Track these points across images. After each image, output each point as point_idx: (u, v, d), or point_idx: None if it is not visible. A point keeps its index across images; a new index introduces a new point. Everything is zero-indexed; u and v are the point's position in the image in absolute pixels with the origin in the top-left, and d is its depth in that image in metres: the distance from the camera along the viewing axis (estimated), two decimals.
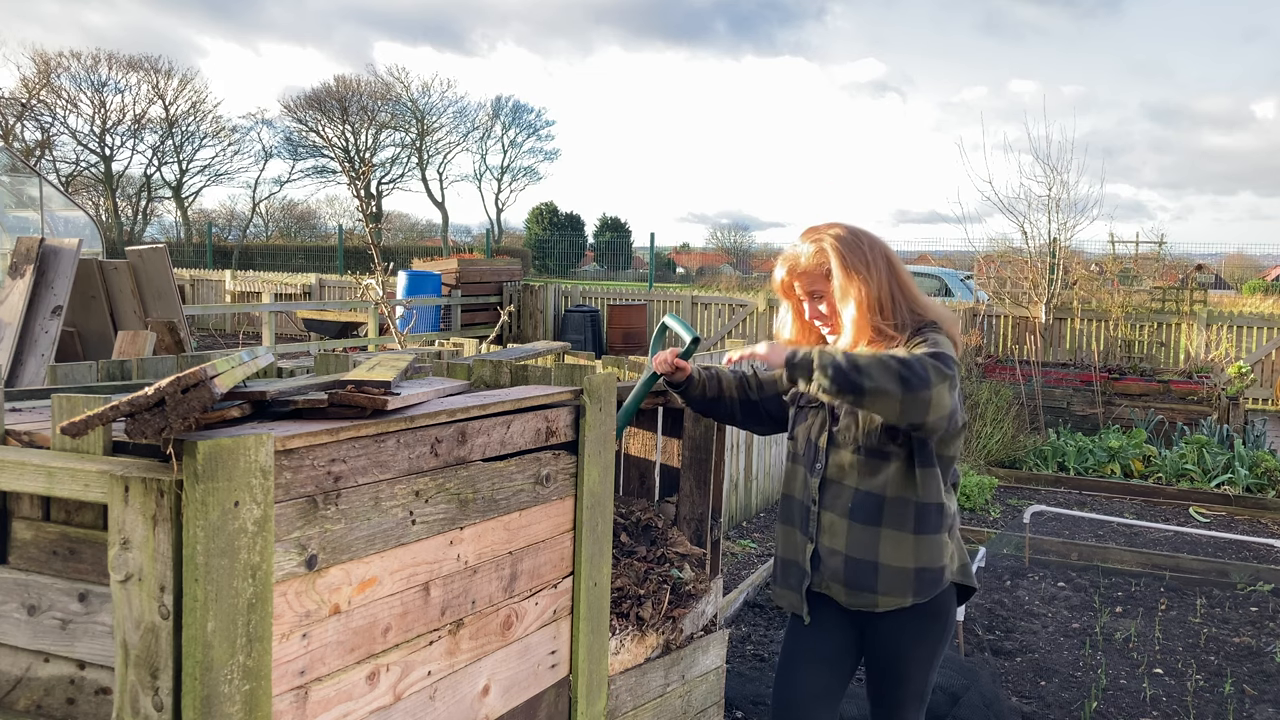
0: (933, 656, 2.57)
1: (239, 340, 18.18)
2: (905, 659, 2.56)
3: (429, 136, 46.97)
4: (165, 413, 1.30)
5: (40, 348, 5.44)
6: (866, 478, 2.49)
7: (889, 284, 2.51)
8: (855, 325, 2.49)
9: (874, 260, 2.51)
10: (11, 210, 11.34)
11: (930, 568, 2.48)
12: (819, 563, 2.56)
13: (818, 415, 2.60)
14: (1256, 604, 5.39)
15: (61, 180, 37.34)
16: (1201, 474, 8.31)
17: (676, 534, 3.19)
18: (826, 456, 2.55)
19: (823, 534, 2.54)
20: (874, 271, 2.50)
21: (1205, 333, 12.64)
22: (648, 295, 17.16)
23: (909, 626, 2.53)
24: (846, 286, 2.50)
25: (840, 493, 2.52)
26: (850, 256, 2.51)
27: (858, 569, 2.48)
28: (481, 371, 2.26)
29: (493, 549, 1.95)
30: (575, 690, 2.23)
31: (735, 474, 6.63)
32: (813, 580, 2.58)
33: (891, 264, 2.55)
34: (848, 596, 2.52)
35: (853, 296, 2.49)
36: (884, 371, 2.24)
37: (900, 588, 2.48)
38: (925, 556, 2.46)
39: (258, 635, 1.40)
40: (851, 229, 2.57)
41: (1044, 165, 12.27)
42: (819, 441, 2.57)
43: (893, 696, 2.59)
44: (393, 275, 15.42)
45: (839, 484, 2.53)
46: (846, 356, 2.28)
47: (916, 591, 2.48)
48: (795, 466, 2.65)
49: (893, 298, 2.51)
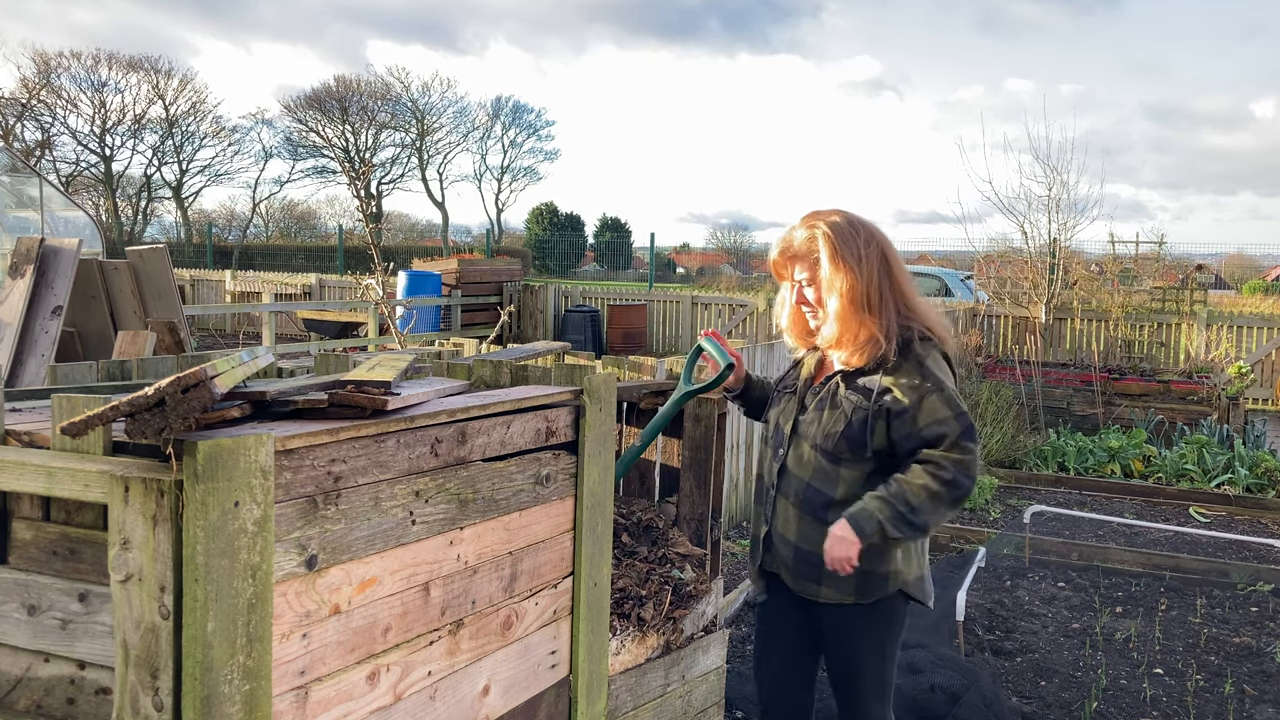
0: (884, 651, 2.60)
1: (239, 340, 18.17)
2: (856, 653, 2.59)
3: (429, 137, 46.98)
4: (165, 413, 1.30)
5: (40, 348, 5.44)
6: (820, 475, 2.53)
7: (880, 280, 2.49)
8: (838, 318, 2.49)
9: (867, 254, 2.49)
10: (11, 210, 11.33)
11: (874, 571, 2.50)
12: (771, 545, 2.64)
13: (789, 402, 2.64)
14: (1256, 604, 5.39)
15: (61, 180, 37.33)
16: (1201, 474, 8.30)
17: (677, 534, 3.19)
18: (789, 445, 2.59)
19: (776, 519, 2.61)
20: (864, 266, 2.48)
21: (1205, 333, 12.64)
22: (648, 295, 17.16)
23: (855, 623, 2.56)
24: (833, 277, 2.49)
25: (795, 484, 2.56)
26: (842, 247, 2.49)
27: (804, 560, 2.55)
28: (481, 371, 2.26)
29: (493, 549, 1.95)
30: (575, 690, 2.23)
31: (735, 474, 6.63)
32: (764, 560, 2.67)
33: (887, 260, 2.52)
34: (793, 582, 2.60)
35: (838, 288, 2.49)
36: (937, 503, 2.39)
37: (842, 585, 2.52)
38: (870, 560, 2.48)
39: (258, 635, 1.40)
40: (852, 219, 2.54)
41: (1044, 165, 12.29)
42: (785, 428, 2.61)
43: (852, 690, 2.63)
44: (393, 275, 15.42)
45: (795, 474, 2.57)
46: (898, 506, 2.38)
47: (859, 592, 2.52)
48: (765, 448, 2.71)
49: (881, 295, 2.49)
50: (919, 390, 2.42)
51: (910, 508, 2.37)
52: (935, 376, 2.43)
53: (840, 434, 2.47)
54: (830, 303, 2.51)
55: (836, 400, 2.51)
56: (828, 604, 2.56)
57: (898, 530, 2.38)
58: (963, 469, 2.39)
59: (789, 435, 2.59)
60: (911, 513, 2.37)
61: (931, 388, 2.42)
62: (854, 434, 2.46)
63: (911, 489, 2.38)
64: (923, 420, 2.41)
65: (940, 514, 2.41)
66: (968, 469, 2.39)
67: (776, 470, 2.61)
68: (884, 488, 2.42)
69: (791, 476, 2.57)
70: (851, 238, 2.49)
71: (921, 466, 2.40)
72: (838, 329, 2.49)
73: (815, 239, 2.52)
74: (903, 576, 2.54)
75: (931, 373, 2.44)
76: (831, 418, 2.50)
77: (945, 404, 2.41)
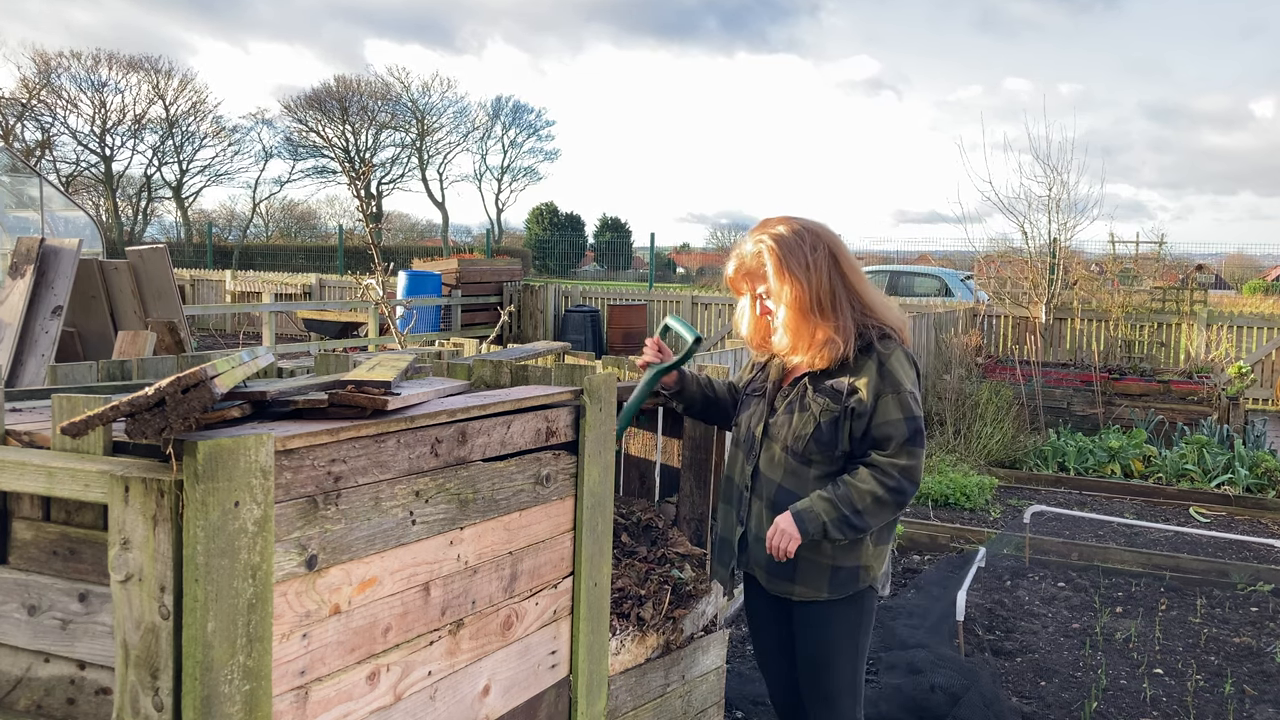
0: (856, 648, 2.65)
1: (239, 340, 18.17)
2: (829, 649, 2.63)
3: (429, 137, 47.00)
4: (165, 413, 1.30)
5: (40, 348, 5.44)
6: (791, 476, 2.57)
7: (830, 285, 2.52)
8: (787, 327, 2.54)
9: (815, 262, 2.52)
10: (12, 210, 11.33)
11: (845, 566, 2.57)
12: (746, 546, 2.68)
13: (758, 405, 2.68)
14: (1256, 604, 5.39)
15: (62, 180, 37.32)
16: (1201, 474, 8.30)
17: (677, 534, 3.19)
18: (760, 447, 2.63)
19: (751, 519, 2.65)
20: (812, 274, 2.51)
21: (1205, 333, 12.63)
22: (648, 295, 17.15)
23: (828, 618, 2.60)
24: (779, 289, 2.54)
25: (768, 486, 2.61)
26: (787, 258, 2.52)
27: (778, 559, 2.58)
28: (482, 371, 2.26)
29: (493, 549, 1.95)
30: (575, 690, 2.23)
31: None
32: (739, 560, 2.71)
33: (838, 262, 2.55)
34: (768, 582, 2.65)
35: (784, 300, 2.53)
36: (881, 508, 2.48)
37: (816, 581, 2.57)
38: (841, 555, 2.56)
39: (258, 635, 1.40)
40: (798, 228, 2.57)
41: (1044, 165, 12.30)
42: (756, 431, 2.65)
43: (823, 688, 2.66)
44: (393, 275, 15.41)
45: (768, 476, 2.61)
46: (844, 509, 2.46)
47: (832, 587, 2.57)
48: (736, 451, 2.75)
49: (834, 297, 2.52)
50: (876, 390, 2.48)
51: (855, 511, 2.46)
52: (894, 378, 2.49)
53: (809, 436, 2.53)
54: (779, 313, 2.56)
55: (805, 403, 2.56)
56: (801, 601, 2.61)
57: (839, 532, 2.47)
58: (907, 475, 2.46)
59: (760, 438, 2.64)
60: (855, 515, 2.46)
61: (888, 388, 2.48)
62: (823, 436, 2.52)
63: (857, 493, 2.46)
64: (876, 421, 2.48)
65: (883, 518, 2.50)
66: (912, 474, 2.47)
67: (750, 472, 2.65)
68: (831, 488, 2.50)
69: (764, 479, 2.62)
70: (797, 246, 2.53)
71: (869, 471, 2.48)
72: (789, 338, 2.55)
73: (761, 253, 2.57)
74: (873, 572, 2.60)
75: (890, 373, 2.49)
76: (801, 420, 2.55)
77: (898, 406, 2.47)
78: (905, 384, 2.49)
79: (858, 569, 2.58)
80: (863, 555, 2.57)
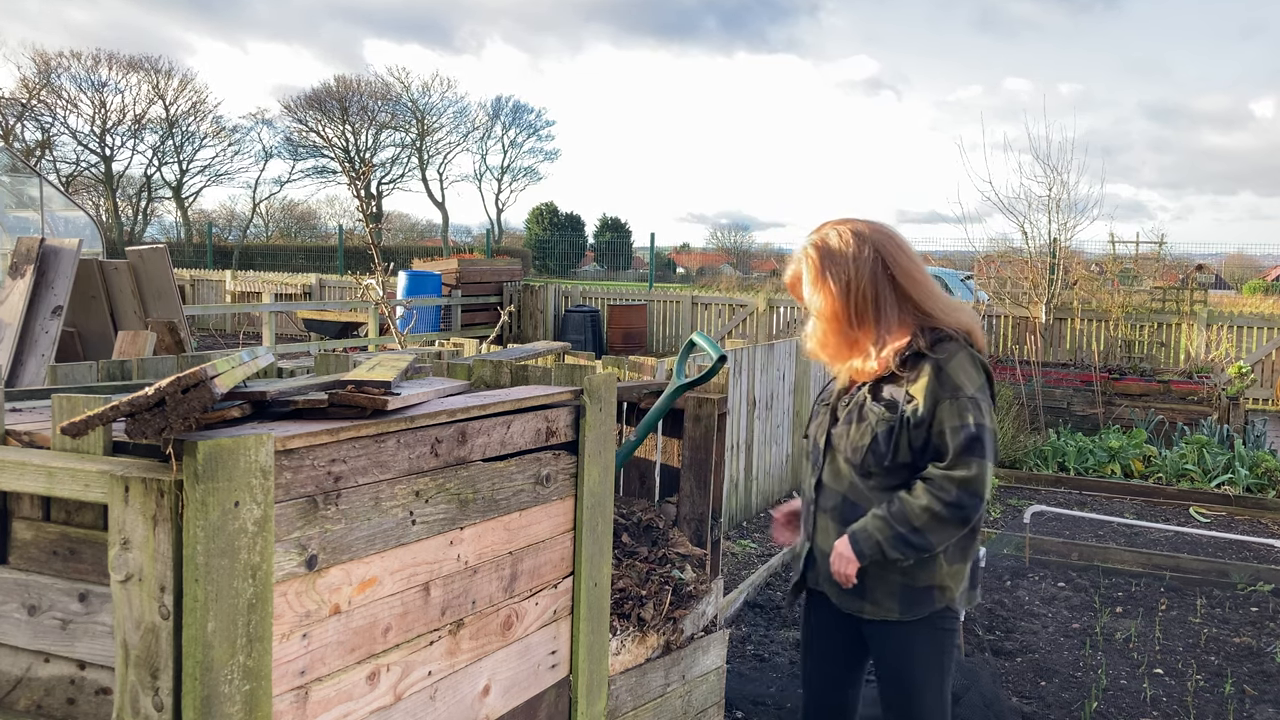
0: (939, 667, 2.49)
1: (239, 340, 18.17)
2: (908, 672, 2.47)
3: (429, 137, 46.99)
4: (165, 413, 1.30)
5: (40, 348, 5.44)
6: (854, 489, 2.44)
7: (873, 293, 2.38)
8: (818, 339, 2.47)
9: (857, 270, 2.38)
10: (11, 210, 11.34)
11: (917, 585, 2.41)
12: (813, 562, 2.55)
13: (824, 415, 2.57)
14: (1256, 604, 5.39)
15: (62, 180, 37.33)
16: (1201, 474, 8.30)
17: (677, 534, 3.19)
18: (824, 459, 2.51)
19: (818, 534, 2.53)
20: (853, 283, 2.38)
21: (1205, 333, 12.64)
22: (648, 295, 17.15)
23: (904, 640, 2.45)
24: (813, 298, 2.44)
25: (832, 498, 2.48)
26: (825, 266, 2.40)
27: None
28: (482, 371, 2.26)
29: (493, 549, 1.95)
30: (575, 690, 2.23)
31: (735, 474, 6.63)
32: (808, 577, 2.58)
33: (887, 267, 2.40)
34: (837, 598, 2.51)
35: (816, 309, 2.44)
36: (941, 525, 2.30)
37: (886, 600, 2.43)
38: (912, 574, 2.40)
39: (258, 635, 1.40)
40: (844, 232, 2.43)
41: (1044, 165, 12.30)
42: (820, 441, 2.55)
43: (907, 711, 2.50)
44: (393, 275, 15.42)
45: (832, 489, 2.49)
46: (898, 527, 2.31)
47: (903, 607, 2.42)
48: (806, 463, 2.65)
49: (877, 307, 2.39)
50: (933, 396, 2.32)
51: (912, 529, 2.30)
52: (952, 382, 2.32)
53: (867, 447, 2.39)
54: (810, 324, 2.50)
55: (863, 412, 2.42)
56: (873, 620, 2.46)
57: (897, 551, 2.32)
58: (966, 488, 2.27)
59: (824, 449, 2.51)
60: (912, 533, 2.30)
61: (946, 394, 2.31)
62: (879, 448, 2.37)
63: (911, 510, 2.30)
64: (934, 430, 2.33)
65: (946, 535, 2.31)
66: (971, 487, 2.27)
67: (814, 484, 2.53)
68: (887, 505, 2.35)
69: (829, 491, 2.48)
70: (838, 255, 2.39)
71: (924, 485, 2.32)
72: (822, 351, 2.49)
73: (801, 261, 2.48)
74: (949, 592, 2.43)
75: (949, 378, 2.32)
76: (858, 431, 2.41)
77: (955, 412, 2.30)
78: (966, 388, 2.31)
79: (931, 589, 2.40)
80: (936, 574, 2.40)
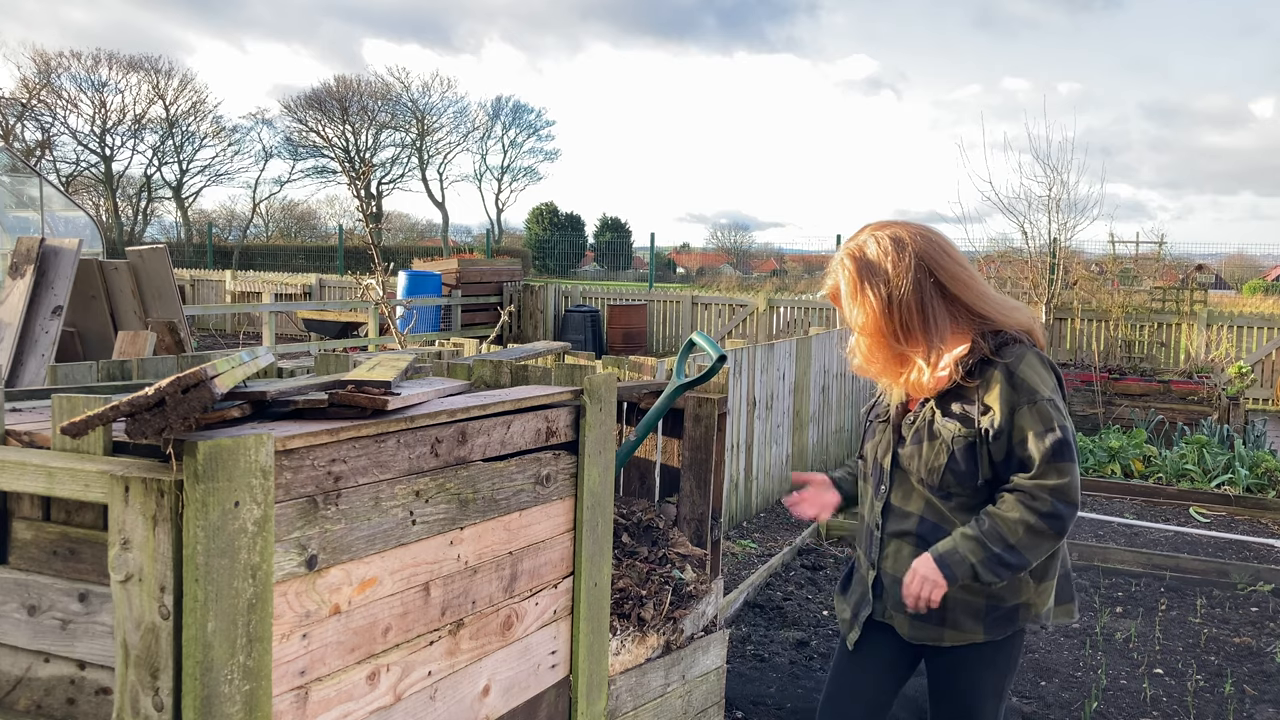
0: (1003, 689, 2.39)
1: (239, 340, 18.18)
2: (975, 693, 2.36)
3: (429, 137, 47.01)
4: (165, 413, 1.30)
5: (40, 348, 5.44)
6: (933, 510, 2.29)
7: (919, 302, 2.23)
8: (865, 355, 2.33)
9: (897, 278, 2.22)
10: (12, 210, 11.34)
11: (1004, 605, 2.27)
12: (881, 590, 2.37)
13: (884, 433, 2.39)
14: (1257, 604, 5.39)
15: (62, 180, 37.34)
16: (1201, 474, 8.30)
17: (677, 534, 3.19)
18: (891, 480, 2.35)
19: (886, 560, 2.35)
20: (895, 295, 2.23)
21: (1205, 333, 12.64)
22: (648, 295, 17.15)
23: (978, 661, 2.33)
24: (853, 312, 2.29)
25: (905, 518, 2.32)
26: (864, 277, 2.26)
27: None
28: (482, 371, 2.26)
29: (493, 549, 1.95)
30: (575, 690, 2.23)
31: (735, 474, 6.63)
32: (875, 609, 2.40)
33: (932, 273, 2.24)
34: (911, 629, 2.33)
35: (858, 324, 2.29)
36: (1038, 539, 2.15)
37: (969, 623, 2.28)
38: (1001, 593, 2.27)
39: (258, 635, 1.40)
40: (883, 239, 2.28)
41: (1043, 165, 12.31)
42: (884, 463, 2.37)
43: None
44: (393, 275, 15.42)
45: (904, 510, 2.33)
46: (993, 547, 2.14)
47: (988, 628, 2.28)
48: (864, 485, 2.46)
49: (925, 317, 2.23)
50: (1010, 403, 2.18)
51: (1007, 547, 2.14)
52: (1027, 385, 2.18)
53: (945, 467, 2.24)
54: (852, 340, 2.36)
55: (934, 430, 2.26)
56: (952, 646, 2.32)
57: (991, 573, 2.16)
58: (1060, 496, 2.13)
59: (889, 470, 2.35)
60: (1008, 552, 2.14)
61: (1023, 399, 2.18)
62: (959, 466, 2.23)
63: (1006, 526, 2.14)
64: (1015, 439, 2.18)
65: (1041, 550, 2.16)
66: (1065, 494, 2.14)
67: (880, 509, 2.36)
68: (975, 523, 2.18)
69: (899, 513, 2.33)
70: (875, 264, 2.25)
71: (1015, 497, 2.16)
72: (870, 367, 2.33)
73: (837, 273, 2.32)
74: (1035, 609, 2.31)
75: (1023, 381, 2.18)
76: (932, 450, 2.26)
77: (1037, 418, 2.16)
78: (1042, 390, 2.17)
79: (1018, 607, 2.27)
80: (1024, 592, 2.27)
